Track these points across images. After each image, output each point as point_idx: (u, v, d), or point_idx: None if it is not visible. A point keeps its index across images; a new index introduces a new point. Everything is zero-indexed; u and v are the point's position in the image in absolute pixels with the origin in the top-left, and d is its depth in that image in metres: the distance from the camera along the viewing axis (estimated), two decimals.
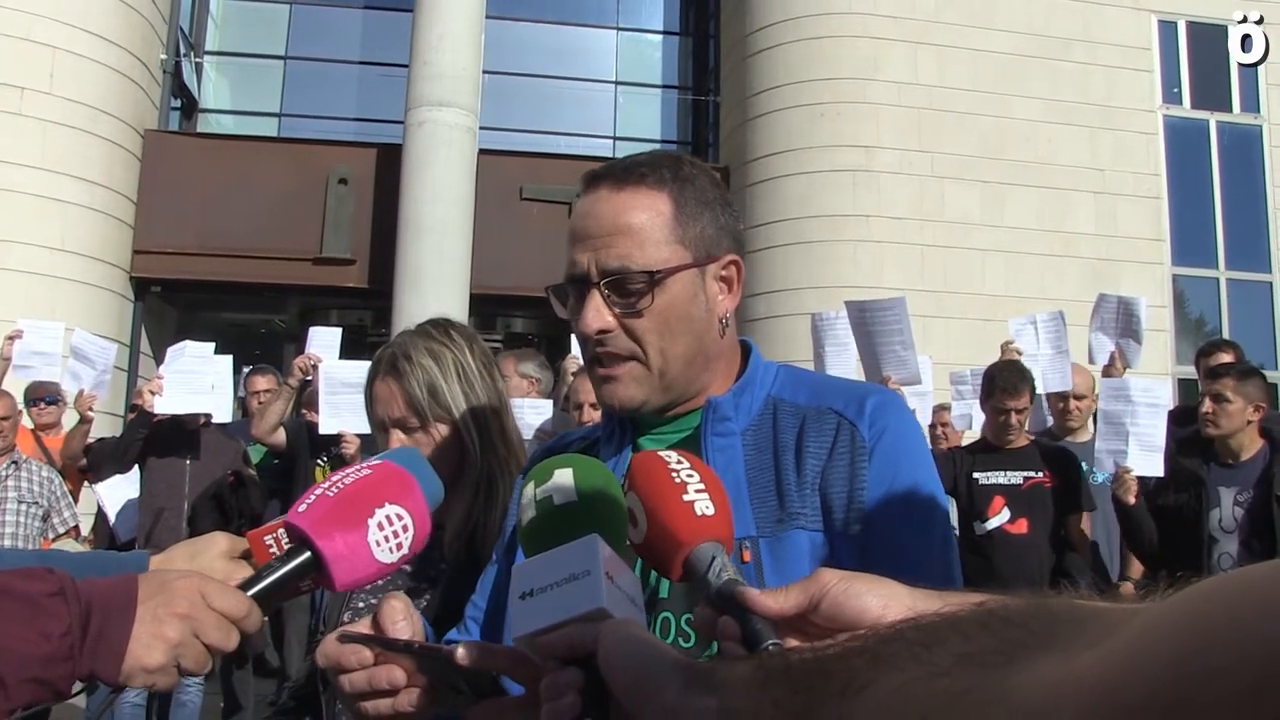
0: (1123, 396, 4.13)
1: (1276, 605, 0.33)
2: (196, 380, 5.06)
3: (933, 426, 6.10)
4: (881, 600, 0.72)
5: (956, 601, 0.73)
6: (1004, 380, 4.34)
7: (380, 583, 1.74)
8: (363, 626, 0.99)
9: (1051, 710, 0.38)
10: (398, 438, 1.75)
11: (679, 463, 0.90)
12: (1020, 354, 5.12)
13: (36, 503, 5.06)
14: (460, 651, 0.88)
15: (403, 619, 0.97)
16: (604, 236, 1.16)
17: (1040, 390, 5.15)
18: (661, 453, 0.93)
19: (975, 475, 4.28)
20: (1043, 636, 0.43)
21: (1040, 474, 4.24)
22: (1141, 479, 4.07)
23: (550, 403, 4.53)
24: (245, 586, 0.99)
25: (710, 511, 0.86)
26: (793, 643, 0.76)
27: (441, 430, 1.75)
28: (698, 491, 0.87)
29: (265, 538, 1.09)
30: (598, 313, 1.16)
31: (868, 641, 0.52)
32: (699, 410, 1.22)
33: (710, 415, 1.20)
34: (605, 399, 1.21)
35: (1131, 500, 4.00)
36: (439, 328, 1.85)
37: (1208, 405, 3.91)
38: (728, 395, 1.22)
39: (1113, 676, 0.37)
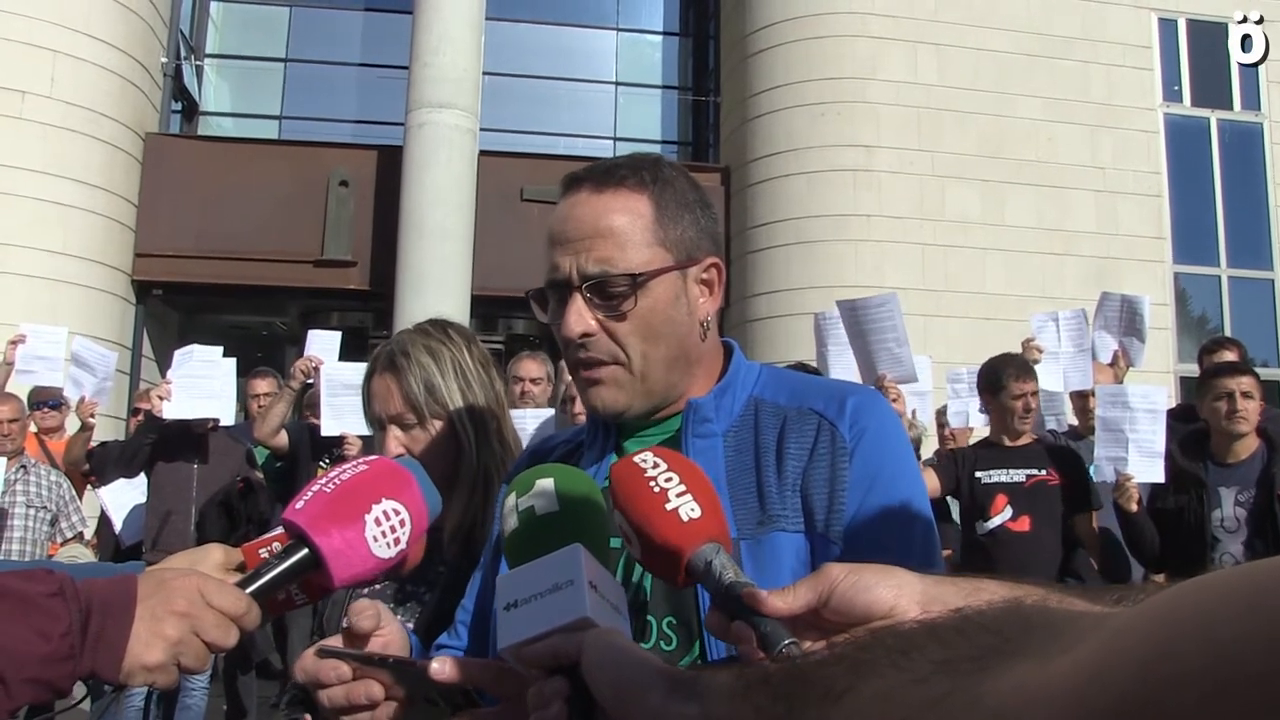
0: (1120, 403, 4.09)
1: (1240, 609, 0.33)
2: (204, 385, 5.03)
3: (941, 427, 6.05)
4: (893, 590, 0.72)
5: (968, 587, 0.73)
6: (1015, 368, 4.31)
7: (378, 586, 1.74)
8: (339, 640, 0.99)
9: (1024, 716, 0.38)
10: (394, 435, 1.75)
11: (655, 466, 0.89)
12: (1041, 351, 5.08)
13: (45, 507, 5.07)
14: (434, 666, 0.89)
15: (372, 623, 0.99)
16: (585, 239, 1.16)
17: (1062, 389, 5.12)
18: (636, 458, 0.91)
19: (977, 474, 4.23)
20: (1017, 642, 0.43)
21: (1044, 471, 4.18)
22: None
23: (551, 411, 4.51)
24: (244, 584, 1.00)
25: (697, 514, 0.85)
26: (809, 642, 0.76)
27: (438, 428, 1.75)
28: (679, 495, 0.86)
29: (260, 550, 1.10)
30: (580, 316, 1.16)
31: (847, 649, 0.52)
32: (681, 413, 1.22)
33: (691, 417, 1.20)
34: (589, 402, 1.21)
35: (1134, 508, 3.97)
36: (437, 326, 1.86)
37: (1240, 403, 3.89)
38: (708, 397, 1.21)
39: (1082, 682, 0.37)
